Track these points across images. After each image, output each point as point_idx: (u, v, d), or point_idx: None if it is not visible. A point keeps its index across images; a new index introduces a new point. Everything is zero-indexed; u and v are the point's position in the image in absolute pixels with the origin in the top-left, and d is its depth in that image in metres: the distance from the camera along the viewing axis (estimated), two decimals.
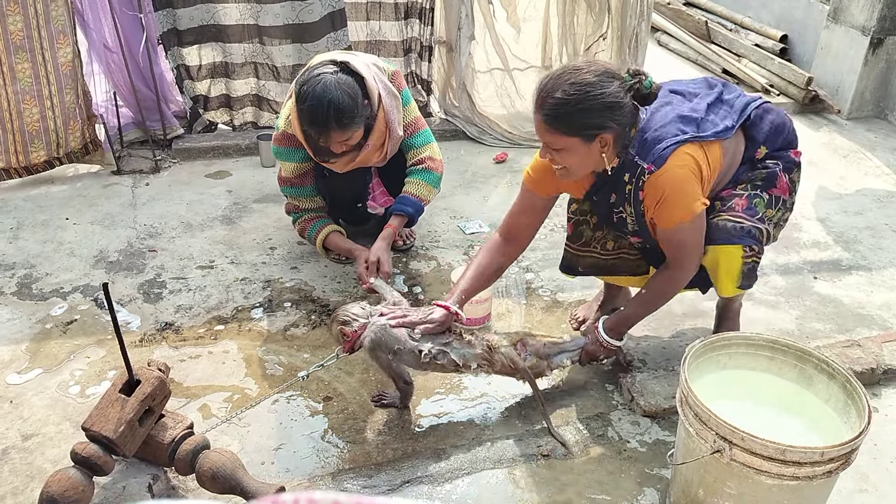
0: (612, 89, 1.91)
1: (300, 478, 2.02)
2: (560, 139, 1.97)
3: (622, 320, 2.28)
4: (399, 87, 2.73)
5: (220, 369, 2.40)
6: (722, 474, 1.73)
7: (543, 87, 1.96)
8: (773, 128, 2.22)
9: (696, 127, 2.05)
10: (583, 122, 1.93)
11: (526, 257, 3.04)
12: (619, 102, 1.92)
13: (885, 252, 3.18)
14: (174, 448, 1.89)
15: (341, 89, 2.42)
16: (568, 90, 1.90)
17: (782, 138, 2.24)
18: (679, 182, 2.00)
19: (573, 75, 1.92)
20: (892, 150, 4.15)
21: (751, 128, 2.19)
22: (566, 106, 1.91)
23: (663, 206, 2.03)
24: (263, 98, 3.91)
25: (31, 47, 3.19)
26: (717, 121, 2.10)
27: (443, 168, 2.91)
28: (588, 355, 2.31)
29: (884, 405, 2.33)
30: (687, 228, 2.06)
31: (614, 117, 1.93)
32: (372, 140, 2.60)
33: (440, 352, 2.13)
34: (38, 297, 2.72)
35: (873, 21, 4.28)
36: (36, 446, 2.09)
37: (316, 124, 2.45)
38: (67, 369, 2.37)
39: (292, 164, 2.78)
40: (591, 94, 1.89)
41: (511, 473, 2.06)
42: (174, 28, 3.61)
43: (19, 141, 3.34)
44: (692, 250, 2.13)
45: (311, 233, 2.89)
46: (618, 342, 2.29)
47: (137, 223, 3.22)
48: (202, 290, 2.78)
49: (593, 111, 1.91)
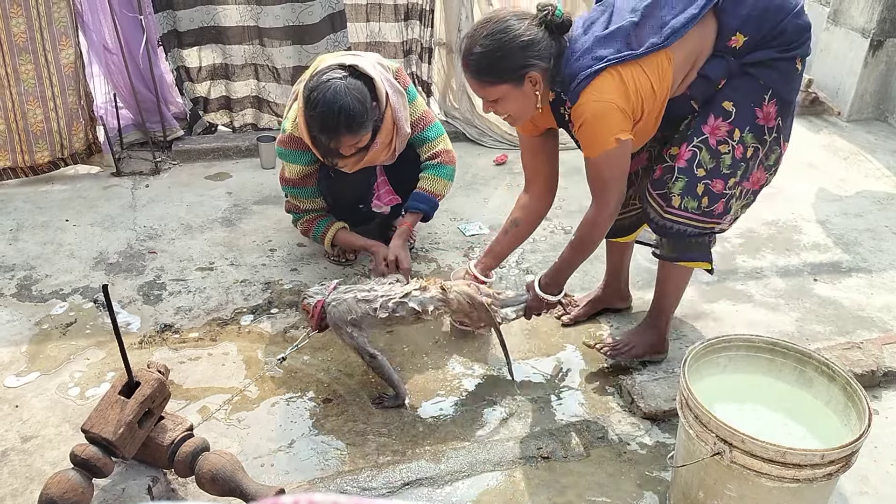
0: (523, 28, 1.95)
1: (300, 480, 2.02)
2: (492, 90, 2.02)
3: (556, 273, 2.29)
4: (404, 84, 2.74)
5: (220, 371, 2.40)
6: (722, 477, 1.72)
7: (463, 48, 2.02)
8: (756, 8, 1.95)
9: (622, 44, 1.94)
10: (505, 67, 1.97)
11: (526, 258, 3.04)
12: (534, 39, 1.95)
13: (885, 254, 3.18)
14: (174, 450, 1.89)
15: (351, 95, 2.43)
16: (484, 42, 1.97)
17: (769, 21, 1.96)
18: (592, 117, 1.97)
19: (485, 27, 1.98)
20: (892, 153, 4.15)
21: (721, 12, 1.97)
22: (486, 58, 1.97)
23: (580, 137, 2.06)
24: (263, 100, 3.91)
25: (34, 49, 3.21)
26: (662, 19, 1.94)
27: (456, 159, 2.92)
28: (531, 310, 2.37)
29: (884, 407, 2.33)
30: (601, 161, 2.04)
31: (533, 54, 1.96)
32: (380, 139, 2.61)
33: (397, 304, 2.21)
34: (37, 298, 2.72)
35: (873, 23, 4.28)
36: (35, 448, 2.08)
37: (327, 130, 2.46)
38: (67, 371, 2.37)
39: (298, 166, 2.79)
40: (505, 40, 1.95)
41: (511, 475, 2.06)
42: (174, 30, 3.61)
43: (24, 140, 3.36)
44: (609, 184, 2.08)
45: (318, 231, 2.90)
46: (554, 297, 2.31)
47: (137, 225, 3.21)
48: (202, 292, 2.78)
49: (512, 54, 1.95)
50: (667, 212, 2.16)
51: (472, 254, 3.07)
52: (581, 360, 2.50)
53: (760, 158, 2.14)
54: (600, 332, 2.62)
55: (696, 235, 2.21)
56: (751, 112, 2.06)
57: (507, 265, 3.00)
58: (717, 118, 2.06)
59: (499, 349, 2.39)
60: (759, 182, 2.21)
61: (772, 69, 2.02)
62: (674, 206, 2.14)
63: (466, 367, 2.46)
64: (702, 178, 2.10)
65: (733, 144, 2.07)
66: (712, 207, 2.14)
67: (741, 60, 2.01)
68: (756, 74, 2.03)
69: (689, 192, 2.12)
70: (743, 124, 2.06)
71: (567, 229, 3.25)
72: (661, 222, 2.20)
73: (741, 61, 2.02)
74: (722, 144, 2.07)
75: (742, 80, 2.04)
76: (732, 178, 2.11)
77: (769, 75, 2.03)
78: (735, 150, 2.08)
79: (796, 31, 1.99)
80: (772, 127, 2.09)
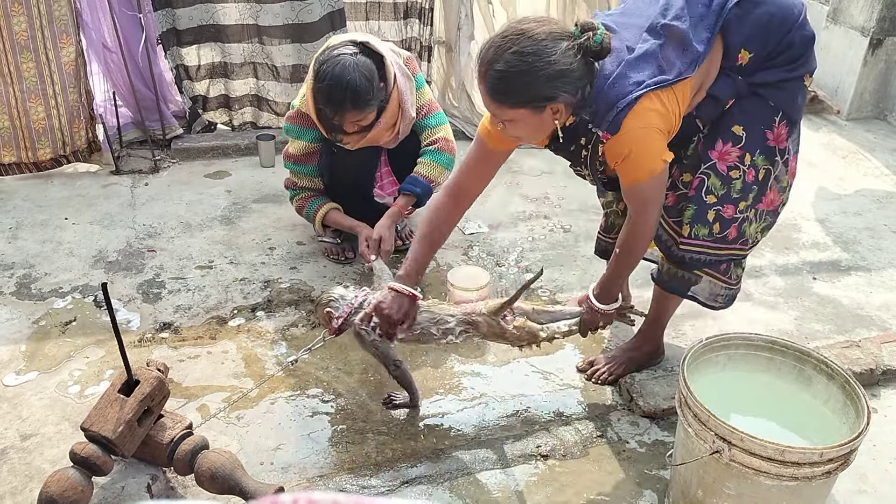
0: (558, 55, 1.73)
1: (299, 478, 2.02)
2: (507, 111, 1.84)
3: (607, 283, 2.19)
4: (413, 71, 2.79)
5: (220, 369, 2.40)
6: (721, 475, 1.73)
7: (485, 56, 1.79)
8: (759, 23, 1.87)
9: (654, 68, 1.82)
10: (530, 94, 1.78)
11: (525, 257, 3.04)
12: (568, 69, 1.75)
13: (884, 253, 3.18)
14: (173, 448, 1.89)
15: (359, 71, 2.47)
16: (510, 60, 1.74)
17: (775, 36, 1.90)
18: (638, 145, 1.86)
19: (514, 42, 1.74)
20: (891, 151, 4.15)
21: (725, 31, 1.88)
22: (509, 79, 1.76)
23: (624, 165, 1.92)
24: (263, 98, 3.91)
25: (35, 47, 3.23)
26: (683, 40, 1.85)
27: (455, 150, 2.92)
28: (587, 325, 2.22)
29: (883, 406, 2.33)
30: (646, 185, 1.95)
31: (564, 86, 1.78)
32: (384, 119, 2.64)
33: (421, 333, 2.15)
34: (36, 297, 2.72)
35: (872, 22, 4.28)
36: (35, 446, 2.08)
37: (332, 104, 2.50)
38: (66, 369, 2.37)
39: (302, 142, 2.82)
40: (536, 65, 1.72)
41: (510, 474, 2.06)
42: (173, 28, 3.61)
43: (27, 137, 3.39)
44: (653, 202, 2.00)
45: (311, 209, 2.91)
46: (611, 305, 2.19)
47: (136, 223, 3.21)
48: (201, 291, 2.78)
49: (539, 82, 1.75)
50: (681, 243, 2.12)
51: (471, 252, 3.07)
52: (580, 358, 2.50)
53: (772, 180, 2.08)
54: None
55: (712, 264, 2.15)
56: (761, 135, 2.00)
57: (507, 264, 3.00)
58: (725, 143, 2.01)
59: (498, 347, 2.37)
60: (775, 203, 2.14)
61: (781, 90, 1.97)
62: (684, 234, 2.10)
63: (465, 365, 2.47)
64: (712, 204, 2.05)
65: (744, 169, 2.02)
66: (724, 233, 2.09)
67: (749, 80, 1.96)
68: (765, 95, 1.97)
69: (700, 219, 2.07)
70: (754, 148, 2.01)
71: (566, 228, 3.25)
72: (677, 253, 2.14)
73: (749, 80, 1.96)
74: (733, 170, 2.02)
75: (751, 102, 1.98)
76: (744, 202, 2.06)
77: (779, 96, 1.98)
78: (746, 175, 2.03)
79: (803, 43, 1.94)
80: (783, 148, 2.04)
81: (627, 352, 2.43)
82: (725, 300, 2.25)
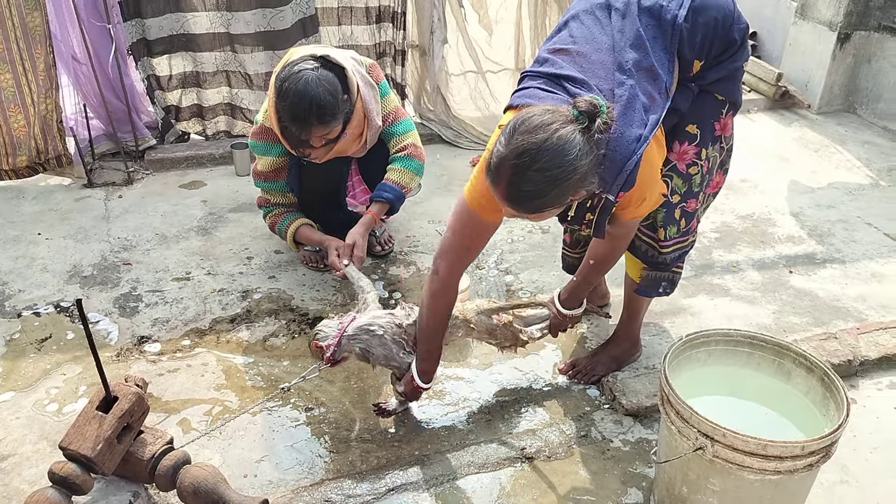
0: (577, 155, 1.63)
1: (283, 490, 2.00)
2: (535, 216, 1.80)
3: (575, 290, 2.26)
4: (377, 79, 2.75)
5: (200, 382, 2.37)
6: (705, 471, 1.74)
7: (504, 174, 1.66)
8: (706, 31, 1.90)
9: (642, 114, 1.80)
10: (562, 200, 1.71)
11: (505, 259, 3.04)
12: (589, 163, 1.67)
13: (858, 244, 3.23)
14: (154, 464, 1.86)
15: (322, 86, 2.44)
16: (537, 180, 1.63)
17: (720, 38, 1.93)
18: (650, 185, 1.91)
19: (535, 159, 1.62)
20: (862, 144, 4.21)
21: (681, 47, 1.89)
22: (541, 196, 1.67)
23: (639, 209, 1.98)
24: (237, 106, 3.88)
25: (12, 59, 3.22)
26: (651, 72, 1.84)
27: (425, 156, 2.91)
28: (556, 328, 2.33)
29: (861, 396, 2.36)
30: (642, 214, 2.02)
31: (589, 182, 1.71)
32: (350, 129, 2.61)
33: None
34: (10, 314, 2.67)
35: (840, 16, 4.34)
36: (12, 467, 2.05)
37: (297, 121, 2.47)
38: (43, 387, 2.33)
39: (270, 158, 2.79)
40: (561, 176, 1.64)
41: (495, 477, 2.06)
42: (143, 38, 3.57)
43: (9, 143, 3.39)
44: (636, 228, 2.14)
45: (282, 226, 2.89)
46: (577, 310, 2.28)
47: (111, 236, 3.17)
48: (179, 303, 2.75)
49: (570, 188, 1.68)
50: (662, 247, 2.20)
51: None
52: (561, 359, 2.51)
53: (718, 165, 2.19)
54: (579, 330, 2.63)
55: (682, 257, 2.27)
56: (712, 128, 2.08)
57: (487, 266, 3.00)
58: (682, 143, 2.07)
59: (483, 346, 2.38)
60: (719, 185, 2.26)
61: (727, 81, 2.03)
62: (661, 238, 2.18)
63: (448, 369, 2.46)
64: (677, 203, 2.13)
65: (701, 164, 2.10)
66: (689, 226, 2.20)
67: (701, 83, 2.00)
68: (713, 90, 2.03)
69: (670, 220, 2.15)
70: (707, 142, 2.08)
71: (545, 229, 3.26)
72: (660, 258, 2.23)
73: (701, 83, 2.00)
74: (692, 167, 2.09)
75: (701, 99, 2.03)
76: (702, 193, 2.17)
77: (724, 88, 2.04)
78: (703, 168, 2.11)
79: (741, 35, 1.98)
80: (728, 136, 2.15)
81: (607, 350, 2.46)
82: (672, 286, 2.34)
